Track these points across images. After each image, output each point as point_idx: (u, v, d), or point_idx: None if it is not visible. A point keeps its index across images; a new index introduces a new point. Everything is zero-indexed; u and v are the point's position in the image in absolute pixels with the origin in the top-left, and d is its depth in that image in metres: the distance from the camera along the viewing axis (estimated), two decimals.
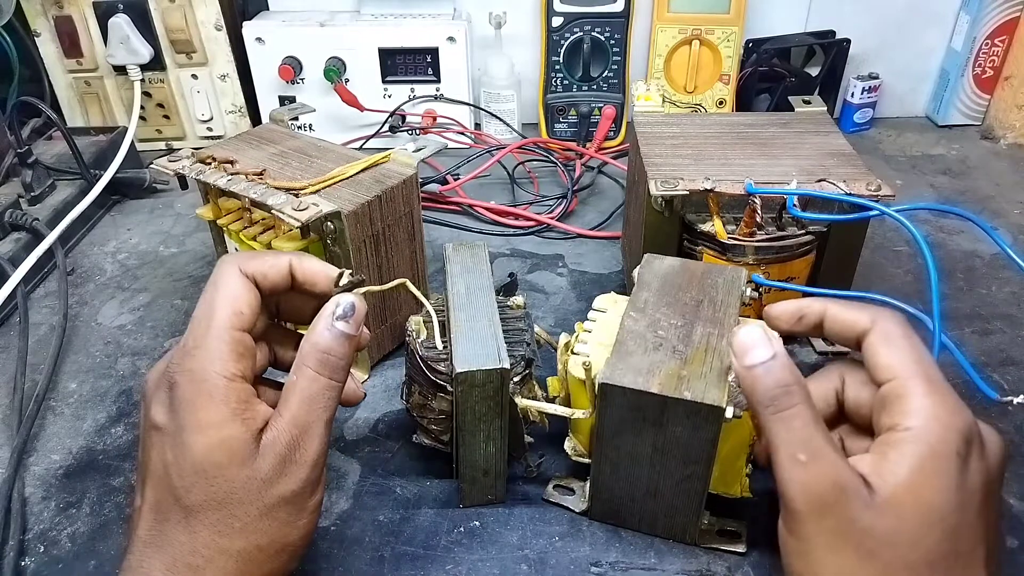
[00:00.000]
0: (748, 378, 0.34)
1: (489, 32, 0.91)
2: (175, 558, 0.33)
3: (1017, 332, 0.60)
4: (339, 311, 0.36)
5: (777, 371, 0.34)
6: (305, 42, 0.87)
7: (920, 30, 0.94)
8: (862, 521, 0.31)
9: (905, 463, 0.31)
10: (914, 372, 0.34)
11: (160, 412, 0.34)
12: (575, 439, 0.45)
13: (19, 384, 0.54)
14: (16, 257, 0.65)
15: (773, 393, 0.33)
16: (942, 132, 0.96)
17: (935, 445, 0.31)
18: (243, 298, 0.36)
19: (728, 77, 0.91)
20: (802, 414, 0.33)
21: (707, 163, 0.54)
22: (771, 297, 0.55)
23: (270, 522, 0.34)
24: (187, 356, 0.35)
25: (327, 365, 0.36)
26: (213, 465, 0.33)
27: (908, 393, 0.33)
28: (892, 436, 0.33)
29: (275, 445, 0.34)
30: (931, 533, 0.31)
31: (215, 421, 0.33)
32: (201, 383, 0.34)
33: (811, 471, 0.32)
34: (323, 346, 0.36)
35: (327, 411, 0.36)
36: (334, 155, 0.57)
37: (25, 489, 0.48)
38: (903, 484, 0.31)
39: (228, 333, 0.35)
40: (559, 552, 0.43)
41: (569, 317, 0.62)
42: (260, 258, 0.38)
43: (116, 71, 0.88)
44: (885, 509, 0.31)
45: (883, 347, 0.35)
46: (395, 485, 0.48)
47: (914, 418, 0.32)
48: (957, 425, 0.32)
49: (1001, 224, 0.76)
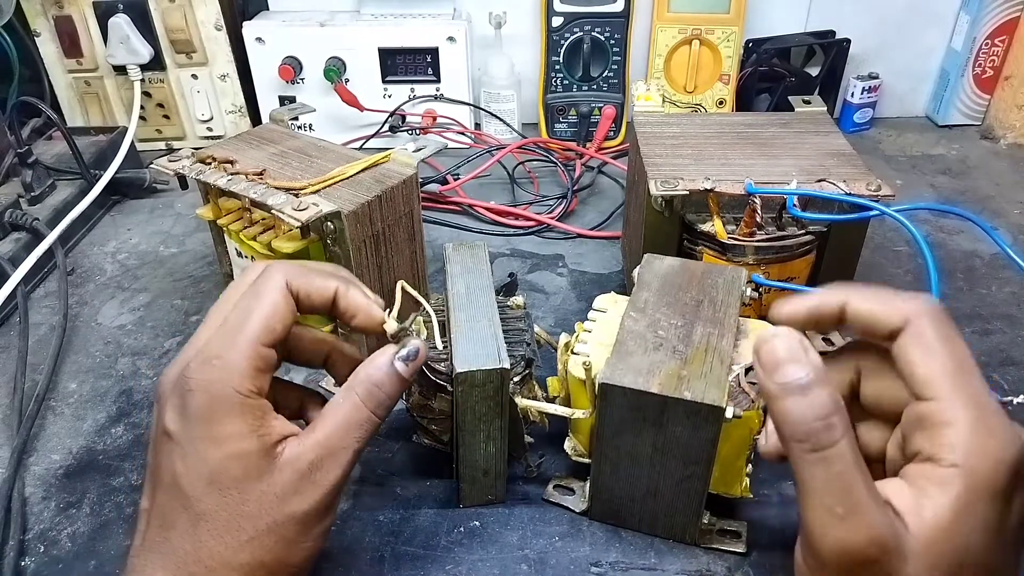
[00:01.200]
0: (780, 401, 0.30)
1: (489, 32, 0.91)
2: (178, 566, 0.33)
3: (1017, 332, 0.60)
4: (403, 352, 0.37)
5: (816, 397, 0.29)
6: (305, 42, 0.87)
7: (920, 30, 0.94)
8: (899, 575, 0.28)
9: (948, 505, 0.28)
10: (958, 395, 0.29)
11: (173, 419, 0.34)
12: (575, 439, 0.45)
13: (19, 384, 0.54)
14: (16, 257, 0.65)
15: (811, 428, 0.29)
16: (942, 132, 0.96)
17: (981, 485, 0.28)
18: (280, 314, 0.35)
19: (728, 77, 0.91)
20: (843, 457, 0.29)
21: (707, 163, 0.54)
22: (771, 297, 0.55)
23: (276, 539, 0.34)
24: (207, 365, 0.34)
25: (374, 398, 0.36)
26: (227, 477, 0.33)
27: (952, 421, 0.29)
28: (934, 471, 0.29)
29: (297, 461, 0.34)
30: (964, 575, 0.29)
31: (231, 435, 0.33)
32: (218, 396, 0.33)
33: (850, 528, 0.28)
34: (376, 379, 0.36)
35: (359, 442, 0.36)
36: (334, 155, 0.57)
37: (25, 489, 0.48)
38: (944, 527, 0.28)
39: (255, 348, 0.34)
40: (559, 552, 0.43)
41: (569, 317, 0.62)
42: (309, 276, 0.37)
43: (116, 71, 0.88)
44: (922, 556, 0.28)
45: (920, 353, 0.31)
46: (395, 485, 0.48)
47: (960, 453, 0.28)
48: (1007, 459, 0.28)
49: (1001, 224, 0.76)
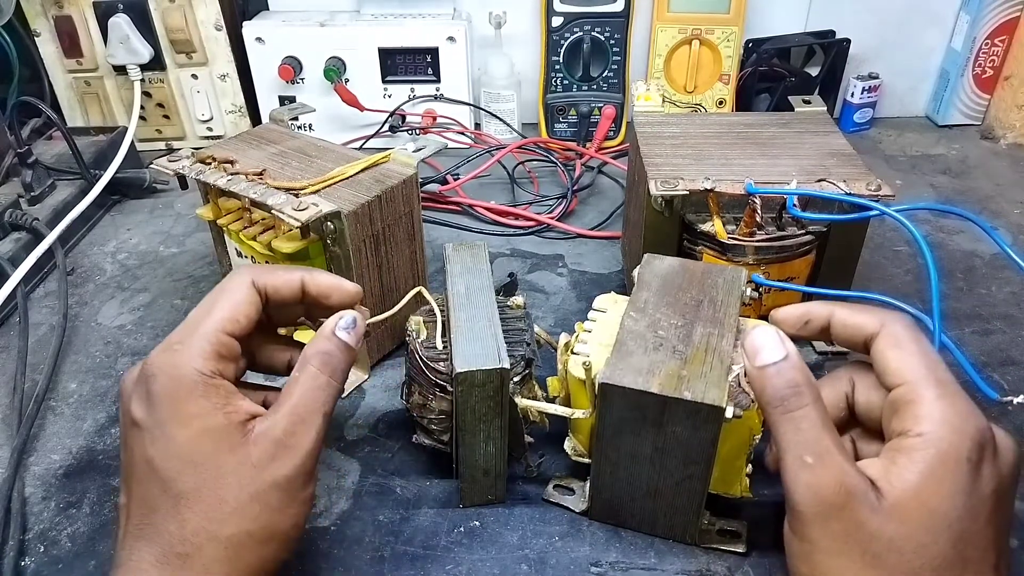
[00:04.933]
0: (759, 378, 0.35)
1: (489, 32, 0.91)
2: (164, 549, 0.33)
3: (1017, 332, 0.60)
4: (342, 323, 0.39)
5: (788, 371, 0.34)
6: (305, 42, 0.87)
7: (920, 30, 0.94)
8: (868, 526, 0.31)
9: (915, 469, 0.31)
10: (924, 376, 0.33)
11: (139, 407, 0.35)
12: (575, 439, 0.45)
13: (19, 384, 0.54)
14: (16, 257, 0.65)
15: (783, 393, 0.33)
16: (942, 132, 0.96)
17: (946, 451, 0.31)
18: (244, 307, 0.38)
19: (728, 77, 0.91)
20: (810, 415, 0.33)
21: (707, 163, 0.54)
22: (771, 297, 0.55)
23: (261, 507, 0.34)
24: (168, 351, 0.36)
25: (328, 365, 0.38)
26: (200, 454, 0.34)
27: (919, 398, 0.33)
28: (903, 442, 0.32)
29: (270, 431, 0.35)
30: (938, 540, 0.31)
31: (196, 413, 0.34)
32: (179, 377, 0.34)
33: (818, 473, 0.32)
34: (325, 349, 0.38)
35: (326, 405, 0.37)
36: (334, 155, 0.57)
37: (25, 489, 0.48)
38: (912, 490, 0.31)
39: (216, 335, 0.36)
40: (559, 552, 0.43)
41: (569, 317, 0.62)
42: (273, 272, 0.40)
43: (116, 71, 0.88)
44: (892, 514, 0.31)
45: (892, 351, 0.35)
46: (395, 485, 0.48)
47: (925, 424, 0.32)
48: (969, 430, 0.31)
49: (1001, 224, 0.76)
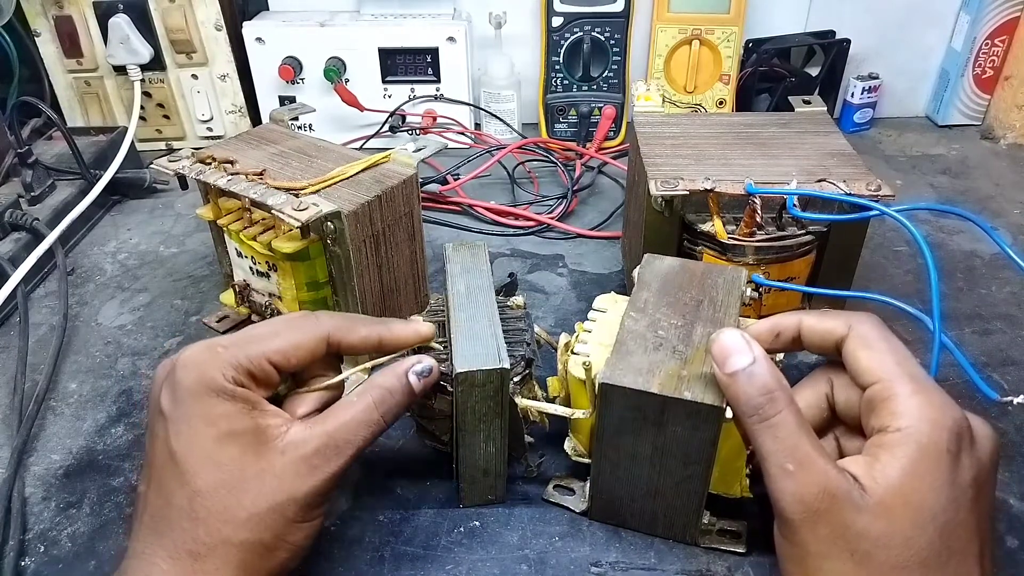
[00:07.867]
0: (731, 386, 0.34)
1: (489, 32, 0.91)
2: (177, 545, 0.33)
3: (1017, 332, 0.60)
4: (419, 368, 0.40)
5: (759, 377, 0.34)
6: (305, 42, 0.87)
7: (920, 30, 0.94)
8: (855, 526, 0.31)
9: (896, 464, 0.31)
10: (897, 373, 0.34)
11: (167, 398, 0.35)
12: (575, 439, 0.45)
13: (19, 384, 0.54)
14: (16, 257, 0.65)
15: (756, 402, 0.33)
16: (942, 132, 0.96)
17: (925, 444, 0.31)
18: (302, 352, 0.38)
19: (728, 77, 0.91)
20: (787, 421, 0.33)
21: (707, 163, 0.54)
22: (771, 297, 0.55)
23: (277, 518, 0.34)
24: (208, 350, 0.36)
25: (385, 403, 0.38)
26: (224, 455, 0.34)
27: (894, 394, 0.33)
28: (882, 438, 0.33)
29: (301, 446, 0.35)
30: (924, 533, 0.31)
31: (222, 414, 0.34)
32: (205, 375, 0.35)
33: (800, 480, 0.32)
34: (391, 386, 0.38)
35: (364, 441, 0.37)
36: (334, 155, 0.57)
37: (25, 489, 0.48)
38: (896, 486, 0.31)
39: (259, 359, 0.36)
40: (559, 552, 0.43)
41: (569, 317, 0.62)
42: (354, 330, 0.40)
43: (116, 71, 0.88)
44: (878, 511, 0.31)
45: (862, 351, 0.35)
46: (395, 485, 0.48)
47: (903, 419, 0.32)
48: (946, 422, 0.32)
49: (1001, 224, 0.76)
